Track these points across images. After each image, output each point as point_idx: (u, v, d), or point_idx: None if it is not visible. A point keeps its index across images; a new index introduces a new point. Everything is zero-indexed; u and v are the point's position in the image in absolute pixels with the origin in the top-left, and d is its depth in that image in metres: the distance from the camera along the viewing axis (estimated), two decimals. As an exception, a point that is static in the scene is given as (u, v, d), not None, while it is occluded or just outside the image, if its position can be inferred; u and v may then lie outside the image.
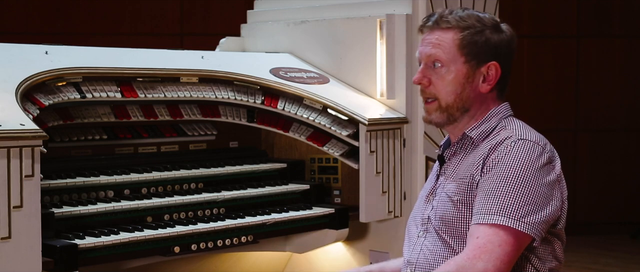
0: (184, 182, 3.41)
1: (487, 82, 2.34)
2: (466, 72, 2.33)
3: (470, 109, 2.35)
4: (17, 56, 3.12)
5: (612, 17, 7.77)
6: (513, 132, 2.28)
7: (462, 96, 2.34)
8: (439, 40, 2.34)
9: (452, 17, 2.34)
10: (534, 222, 2.17)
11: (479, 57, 2.33)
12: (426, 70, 2.37)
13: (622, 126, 7.79)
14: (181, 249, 3.10)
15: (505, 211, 2.15)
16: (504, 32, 2.37)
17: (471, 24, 2.34)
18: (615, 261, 6.65)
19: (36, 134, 2.63)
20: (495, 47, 2.34)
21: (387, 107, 3.77)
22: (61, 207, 2.94)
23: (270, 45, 4.20)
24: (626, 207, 7.74)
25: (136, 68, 3.36)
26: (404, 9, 3.76)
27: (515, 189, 2.17)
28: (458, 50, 2.32)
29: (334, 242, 3.73)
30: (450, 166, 2.38)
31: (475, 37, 2.33)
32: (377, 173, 3.64)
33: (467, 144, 2.37)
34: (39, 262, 2.63)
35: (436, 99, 2.36)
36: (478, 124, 2.35)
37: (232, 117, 3.70)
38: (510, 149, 2.22)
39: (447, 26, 2.34)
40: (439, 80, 2.34)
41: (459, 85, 2.33)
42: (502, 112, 2.37)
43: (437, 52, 2.33)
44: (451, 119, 2.36)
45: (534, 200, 2.17)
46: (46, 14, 7.12)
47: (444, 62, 2.33)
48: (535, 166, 2.20)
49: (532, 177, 2.19)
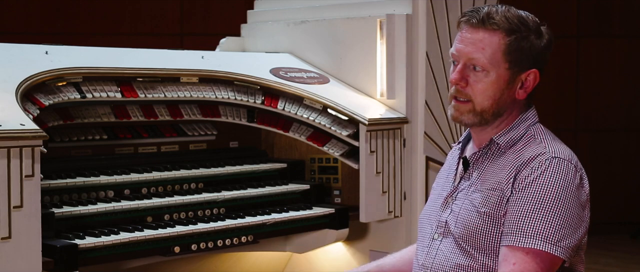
0: (184, 182, 3.41)
1: (524, 89, 2.28)
2: (508, 78, 2.25)
3: (503, 113, 2.29)
4: (17, 56, 3.12)
5: (612, 17, 7.77)
6: (546, 148, 2.22)
7: (499, 102, 2.26)
8: (484, 44, 2.23)
9: (499, 18, 2.23)
10: (569, 245, 2.14)
11: (522, 64, 2.25)
12: (465, 71, 2.27)
13: (622, 126, 7.80)
14: (181, 249, 3.10)
15: (542, 235, 2.12)
16: (544, 36, 2.29)
17: (517, 27, 2.24)
18: (615, 261, 6.66)
19: (36, 134, 2.63)
20: (537, 54, 2.27)
21: (387, 107, 3.77)
22: (61, 207, 2.94)
23: (270, 45, 4.20)
24: (626, 207, 7.74)
25: (136, 68, 3.36)
26: (404, 9, 3.76)
27: (552, 212, 2.13)
28: (503, 56, 2.23)
29: (334, 242, 3.73)
30: (475, 172, 2.31)
31: (522, 43, 2.24)
32: (377, 173, 3.64)
33: (493, 150, 2.31)
34: (39, 262, 2.63)
35: (470, 101, 2.27)
36: (506, 131, 2.29)
37: (232, 117, 3.70)
38: (545, 169, 2.17)
39: (494, 28, 2.23)
40: (477, 83, 2.25)
41: (498, 91, 2.25)
42: (529, 119, 2.32)
43: (481, 57, 2.23)
44: (483, 122, 2.29)
45: (569, 223, 2.14)
46: (46, 14, 7.13)
47: (486, 67, 2.24)
48: (570, 188, 2.16)
49: (567, 200, 2.14)
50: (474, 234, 2.23)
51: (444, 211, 2.34)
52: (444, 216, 2.33)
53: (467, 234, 2.24)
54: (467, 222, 2.25)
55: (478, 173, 2.30)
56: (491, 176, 2.26)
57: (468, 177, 2.33)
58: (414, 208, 3.78)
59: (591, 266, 6.41)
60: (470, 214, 2.25)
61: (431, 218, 2.38)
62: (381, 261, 2.61)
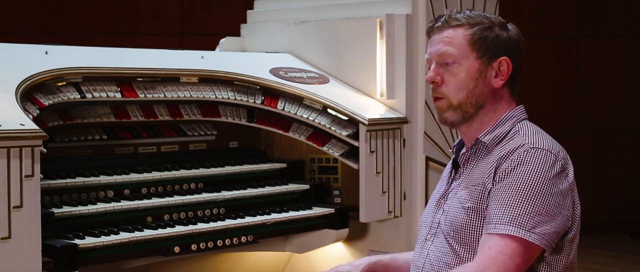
0: (184, 182, 3.41)
1: (499, 77, 2.34)
2: (478, 67, 2.33)
3: (484, 105, 2.34)
4: (17, 56, 3.12)
5: (612, 17, 7.77)
6: (526, 140, 2.26)
7: (475, 92, 2.33)
8: (449, 38, 2.34)
9: (461, 16, 2.36)
10: (545, 232, 2.17)
11: (490, 52, 2.33)
12: (438, 69, 2.36)
13: (622, 126, 7.80)
14: (181, 249, 3.10)
15: (517, 222, 2.15)
16: (511, 31, 2.38)
17: (480, 21, 2.34)
18: (615, 261, 6.66)
19: (36, 134, 2.63)
20: (505, 43, 2.35)
21: (387, 107, 3.77)
22: (61, 207, 2.94)
23: (270, 45, 4.20)
24: (626, 207, 7.75)
25: (136, 68, 3.36)
26: (404, 9, 3.76)
27: (527, 199, 2.17)
28: (469, 46, 2.33)
29: (334, 242, 3.73)
30: (464, 172, 2.38)
31: (485, 32, 2.33)
32: (377, 173, 3.64)
33: (480, 149, 2.36)
34: (39, 262, 2.63)
35: (445, 97, 2.35)
36: (492, 128, 2.35)
37: (232, 117, 3.70)
38: (523, 158, 2.21)
39: (457, 24, 2.35)
40: (451, 77, 2.34)
41: (471, 80, 2.33)
42: (516, 116, 2.37)
43: (448, 49, 2.33)
44: (466, 116, 2.35)
45: (546, 210, 2.17)
46: (46, 14, 7.12)
47: (455, 58, 2.33)
48: (547, 176, 2.19)
49: (544, 187, 2.18)
50: (461, 230, 2.29)
51: (437, 212, 2.41)
52: (437, 217, 2.40)
53: (454, 230, 2.30)
54: (454, 218, 2.31)
55: (467, 173, 2.37)
56: (476, 173, 2.32)
57: (458, 177, 2.40)
58: (413, 208, 3.78)
59: (591, 266, 6.42)
60: (457, 210, 2.31)
61: (427, 221, 2.45)
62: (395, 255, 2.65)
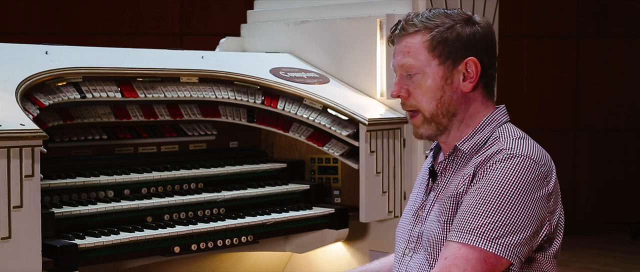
0: (184, 182, 3.41)
1: (468, 80, 2.17)
2: (443, 74, 2.17)
3: (456, 112, 2.19)
4: (17, 56, 3.12)
5: (612, 17, 7.77)
6: (504, 146, 2.09)
7: (443, 101, 2.17)
8: (407, 47, 2.19)
9: (417, 20, 2.19)
10: (510, 244, 1.99)
11: (453, 54, 2.16)
12: (402, 81, 2.22)
13: (622, 126, 7.80)
14: (181, 249, 3.10)
15: (479, 231, 1.99)
16: (478, 24, 2.19)
17: (439, 22, 2.17)
18: (615, 261, 6.65)
19: (36, 134, 2.63)
20: (469, 41, 2.16)
21: (387, 107, 3.77)
22: (61, 207, 2.94)
23: (270, 45, 4.20)
24: (626, 207, 7.74)
25: (136, 68, 3.36)
26: (404, 9, 3.75)
27: (494, 208, 2.00)
28: (429, 52, 2.17)
29: (334, 242, 3.73)
30: (441, 182, 2.23)
31: (446, 34, 2.16)
32: (377, 173, 3.64)
33: (458, 158, 2.20)
34: (39, 262, 2.63)
35: (418, 111, 2.21)
36: (470, 135, 2.19)
37: (232, 117, 3.70)
38: (498, 166, 2.05)
39: (414, 30, 2.18)
40: (417, 89, 2.19)
41: (438, 89, 2.17)
42: (496, 120, 2.20)
43: (408, 60, 2.18)
44: (440, 127, 2.21)
45: (515, 220, 2.00)
46: (46, 14, 7.13)
47: (417, 68, 2.18)
48: (522, 183, 2.02)
49: (516, 195, 2.01)
50: (435, 244, 2.15)
51: (415, 225, 2.26)
52: (415, 230, 2.25)
53: (431, 246, 2.16)
54: (431, 234, 2.17)
55: (444, 183, 2.21)
56: (453, 183, 2.17)
57: (436, 187, 2.24)
58: (414, 208, 3.77)
59: (591, 266, 6.41)
60: (433, 224, 2.17)
61: (404, 233, 2.30)
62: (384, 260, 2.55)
